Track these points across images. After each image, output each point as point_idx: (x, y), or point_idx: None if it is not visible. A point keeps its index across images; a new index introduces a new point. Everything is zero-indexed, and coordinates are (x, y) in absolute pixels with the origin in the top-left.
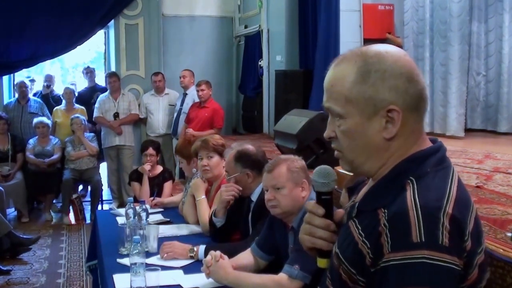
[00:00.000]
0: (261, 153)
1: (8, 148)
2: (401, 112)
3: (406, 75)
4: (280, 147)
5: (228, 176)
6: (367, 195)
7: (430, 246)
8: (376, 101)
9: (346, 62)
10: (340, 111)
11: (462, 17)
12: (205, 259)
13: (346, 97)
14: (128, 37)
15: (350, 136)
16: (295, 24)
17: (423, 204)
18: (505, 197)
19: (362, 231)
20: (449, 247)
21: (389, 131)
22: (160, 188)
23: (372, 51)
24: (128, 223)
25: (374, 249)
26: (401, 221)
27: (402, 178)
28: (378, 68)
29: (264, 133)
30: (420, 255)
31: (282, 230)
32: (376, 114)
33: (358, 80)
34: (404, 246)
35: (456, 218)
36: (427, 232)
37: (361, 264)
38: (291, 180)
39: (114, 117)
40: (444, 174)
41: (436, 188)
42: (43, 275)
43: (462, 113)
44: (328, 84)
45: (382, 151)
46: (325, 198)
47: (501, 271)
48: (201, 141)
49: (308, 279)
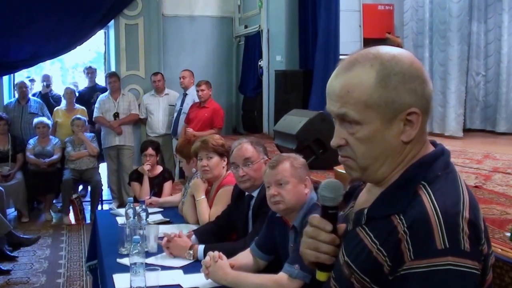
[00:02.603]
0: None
1: (8, 149)
2: (420, 114)
3: (422, 77)
4: (280, 147)
5: (251, 165)
6: (378, 201)
7: (454, 252)
8: (397, 105)
9: (361, 67)
10: (358, 117)
11: (461, 17)
12: (204, 260)
13: (366, 103)
14: (128, 37)
15: (368, 142)
16: (295, 24)
17: (443, 210)
18: (504, 197)
19: (375, 238)
20: (470, 252)
21: (408, 134)
22: (160, 188)
23: (388, 54)
24: (128, 223)
25: (393, 256)
26: (422, 227)
27: (413, 183)
28: (398, 71)
29: (264, 133)
30: (446, 262)
31: (282, 228)
32: (395, 118)
33: (379, 84)
34: (429, 253)
35: (473, 222)
36: (450, 238)
37: (376, 272)
38: (295, 176)
39: (114, 117)
40: (453, 177)
41: (451, 193)
42: (43, 275)
43: (461, 113)
44: (343, 90)
45: (397, 155)
46: (332, 213)
47: (499, 271)
48: (201, 142)
49: (308, 278)
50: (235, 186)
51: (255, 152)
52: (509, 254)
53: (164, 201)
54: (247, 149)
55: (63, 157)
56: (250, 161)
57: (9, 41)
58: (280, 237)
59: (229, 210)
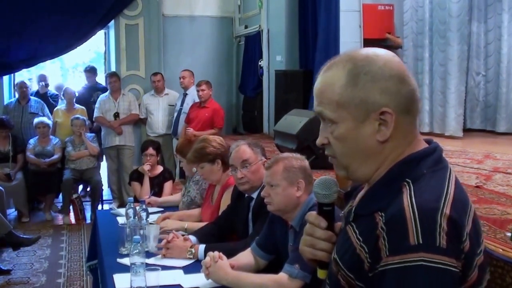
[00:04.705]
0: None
1: (9, 149)
2: (394, 114)
3: (397, 76)
4: (280, 147)
5: (249, 166)
6: (363, 199)
7: (427, 248)
8: (368, 104)
9: (335, 67)
10: (332, 116)
11: (461, 17)
12: (204, 260)
13: (338, 102)
14: (128, 37)
15: (343, 141)
16: (295, 24)
17: (419, 206)
18: (504, 197)
19: (359, 235)
20: (446, 248)
21: (383, 133)
22: (161, 188)
23: (361, 55)
24: (128, 223)
25: (372, 253)
26: (398, 223)
27: (398, 181)
28: (368, 70)
29: (264, 133)
30: (418, 258)
31: (283, 227)
32: (369, 117)
33: (348, 84)
34: (402, 249)
35: (453, 219)
36: (425, 234)
37: (359, 269)
38: (286, 179)
39: (115, 117)
40: (441, 175)
41: (432, 189)
42: (43, 275)
43: (461, 113)
44: (318, 90)
45: (377, 154)
46: (327, 210)
47: (500, 271)
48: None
49: (309, 278)
50: (235, 187)
51: (253, 153)
52: (509, 254)
53: (163, 201)
54: (245, 151)
55: (63, 157)
56: (248, 163)
57: (9, 41)
58: (280, 236)
59: (229, 211)
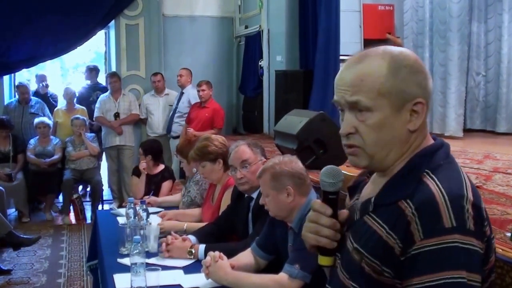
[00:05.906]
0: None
1: (9, 149)
2: (425, 105)
3: (425, 72)
4: (280, 147)
5: (249, 166)
6: (384, 189)
7: (460, 230)
8: (406, 94)
9: (372, 58)
10: (370, 103)
11: (461, 18)
12: (204, 260)
13: (379, 90)
14: (128, 37)
15: (378, 129)
16: (295, 24)
17: (448, 192)
18: (504, 197)
19: (384, 223)
20: (475, 231)
21: (414, 123)
22: (158, 187)
23: (396, 49)
24: (129, 223)
25: (404, 238)
26: (430, 208)
27: (418, 172)
28: (407, 64)
29: (264, 133)
30: (453, 240)
31: (283, 228)
32: (404, 107)
33: (389, 74)
34: (437, 231)
35: (477, 205)
36: (457, 218)
37: (387, 255)
38: (274, 188)
39: (115, 117)
40: (455, 166)
41: (454, 178)
42: (43, 275)
43: (461, 113)
44: (356, 79)
45: (404, 143)
46: (332, 198)
47: (500, 271)
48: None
49: (309, 278)
50: (235, 187)
51: (252, 154)
52: (509, 254)
53: (163, 201)
54: (244, 151)
55: (63, 157)
56: (247, 163)
57: (9, 41)
58: (280, 237)
59: (229, 211)
